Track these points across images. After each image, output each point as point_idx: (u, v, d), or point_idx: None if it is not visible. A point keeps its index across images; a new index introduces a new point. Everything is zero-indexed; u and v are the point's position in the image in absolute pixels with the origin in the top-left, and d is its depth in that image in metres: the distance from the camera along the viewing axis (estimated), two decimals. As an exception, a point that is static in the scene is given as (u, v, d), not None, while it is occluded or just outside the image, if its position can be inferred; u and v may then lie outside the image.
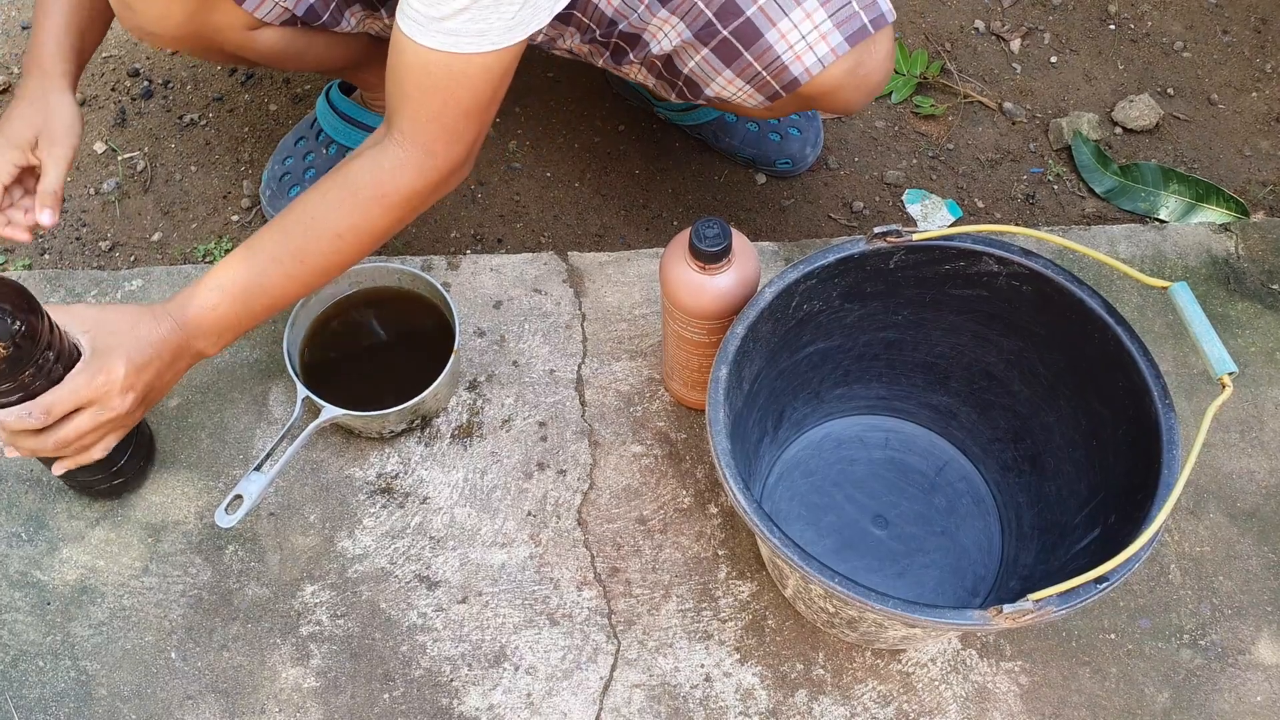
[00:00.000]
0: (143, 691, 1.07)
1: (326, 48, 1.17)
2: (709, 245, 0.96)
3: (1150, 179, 1.46)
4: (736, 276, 1.00)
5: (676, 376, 1.15)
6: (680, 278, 1.00)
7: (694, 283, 1.00)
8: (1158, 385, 0.92)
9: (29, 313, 0.87)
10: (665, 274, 1.02)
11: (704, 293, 1.00)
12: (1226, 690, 1.09)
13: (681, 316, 1.03)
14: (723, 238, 0.97)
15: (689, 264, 0.99)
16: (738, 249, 1.00)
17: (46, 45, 1.07)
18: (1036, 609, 0.82)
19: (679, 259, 1.00)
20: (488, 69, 0.90)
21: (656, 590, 1.12)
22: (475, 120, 0.95)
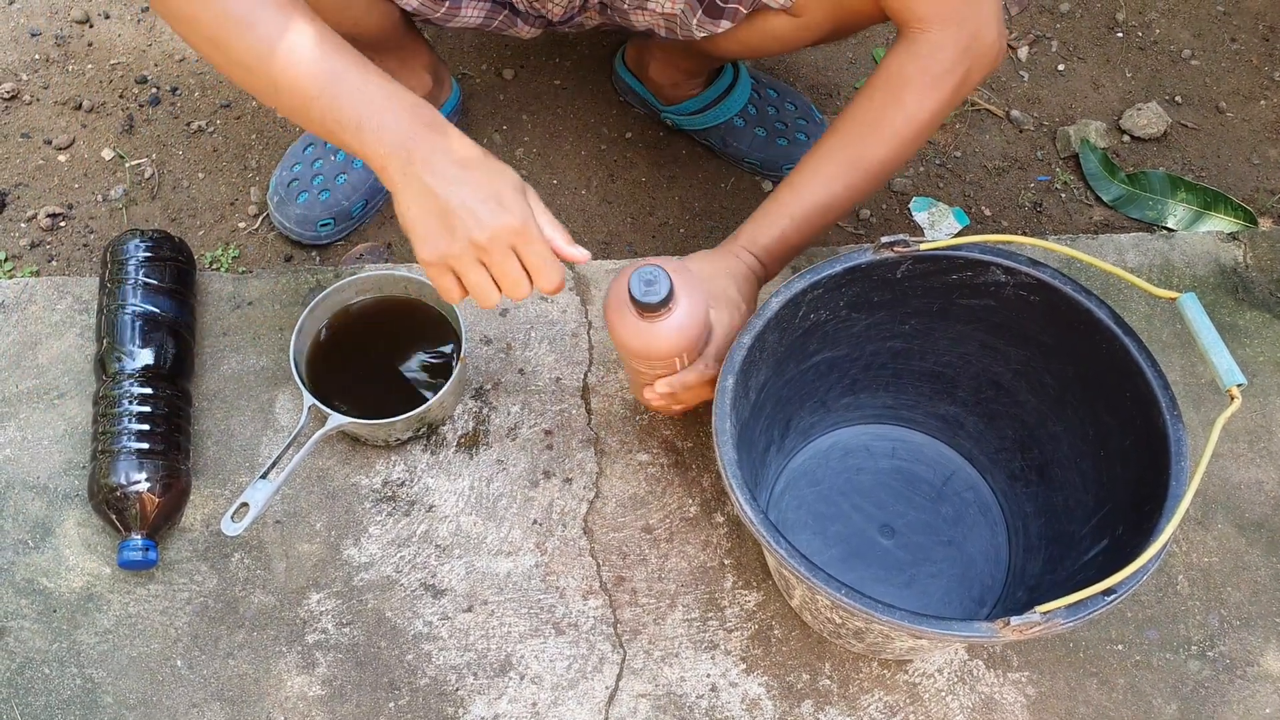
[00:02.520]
0: (149, 699, 1.07)
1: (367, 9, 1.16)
2: (646, 297, 0.90)
3: (1158, 187, 1.46)
4: (680, 321, 0.94)
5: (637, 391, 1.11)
6: (623, 323, 0.95)
7: (637, 328, 0.94)
8: (1165, 396, 0.91)
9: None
10: (609, 316, 0.96)
11: (647, 338, 0.95)
12: (1235, 702, 1.08)
13: (635, 359, 1.00)
14: (660, 289, 0.89)
15: (629, 310, 0.93)
16: (681, 291, 0.93)
17: (400, 91, 0.92)
18: (1044, 621, 0.81)
19: (621, 303, 0.94)
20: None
21: (662, 599, 1.12)
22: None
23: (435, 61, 1.39)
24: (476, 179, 0.89)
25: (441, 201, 0.88)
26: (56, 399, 1.21)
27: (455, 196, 0.88)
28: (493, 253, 0.89)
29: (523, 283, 0.91)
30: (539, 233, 0.89)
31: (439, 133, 0.89)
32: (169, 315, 1.18)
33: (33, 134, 1.50)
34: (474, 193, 0.88)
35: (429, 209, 0.89)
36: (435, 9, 1.15)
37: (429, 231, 0.90)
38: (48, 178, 1.46)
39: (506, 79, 1.54)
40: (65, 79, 1.54)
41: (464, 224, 0.88)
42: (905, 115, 1.03)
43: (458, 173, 0.88)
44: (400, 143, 0.88)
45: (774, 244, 1.06)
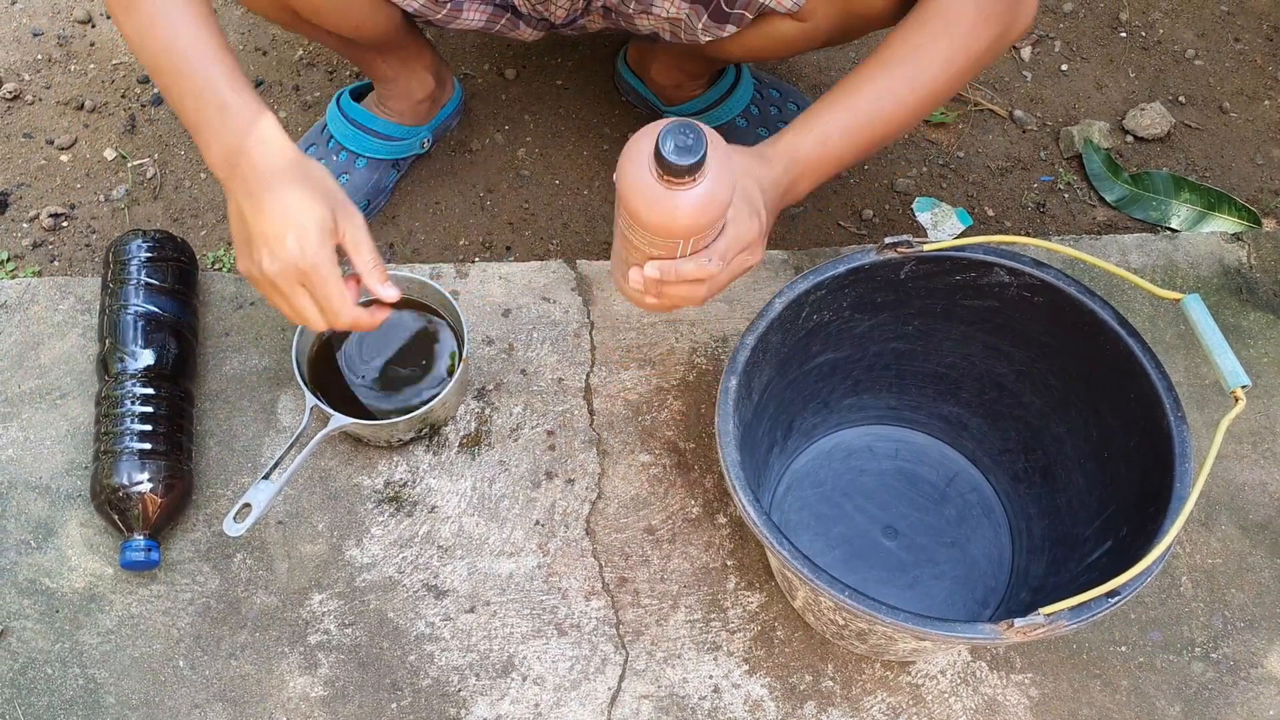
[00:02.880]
0: (151, 700, 1.07)
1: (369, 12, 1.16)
2: (678, 158, 0.79)
3: (1161, 188, 1.46)
4: (704, 196, 0.83)
5: (620, 271, 0.97)
6: (638, 184, 0.84)
7: (653, 194, 0.83)
8: (1169, 397, 0.91)
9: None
10: (622, 173, 0.85)
11: (663, 206, 0.84)
12: (1238, 704, 1.08)
13: (636, 230, 0.88)
14: (696, 150, 0.79)
15: (652, 173, 0.82)
16: (712, 159, 0.82)
17: (245, 107, 0.95)
18: (1048, 623, 0.81)
19: (641, 161, 0.83)
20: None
21: (665, 600, 1.12)
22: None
23: (437, 62, 1.39)
24: (279, 213, 0.92)
25: (248, 226, 0.94)
26: (59, 399, 1.21)
27: (257, 225, 0.93)
28: (280, 285, 0.94)
29: (311, 317, 0.96)
30: (327, 273, 0.92)
31: (261, 158, 0.93)
32: (171, 315, 1.18)
33: (35, 134, 1.50)
34: (272, 226, 0.92)
35: (240, 228, 0.96)
36: (436, 11, 1.15)
37: (239, 249, 0.97)
38: (50, 178, 1.46)
39: (509, 79, 1.54)
40: (67, 79, 1.54)
41: (260, 253, 0.94)
42: (960, 45, 0.99)
43: (265, 202, 0.92)
44: (226, 158, 0.94)
45: (813, 156, 0.98)
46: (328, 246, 0.93)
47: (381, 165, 1.40)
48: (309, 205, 0.92)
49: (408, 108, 1.38)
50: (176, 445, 1.13)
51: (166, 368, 1.15)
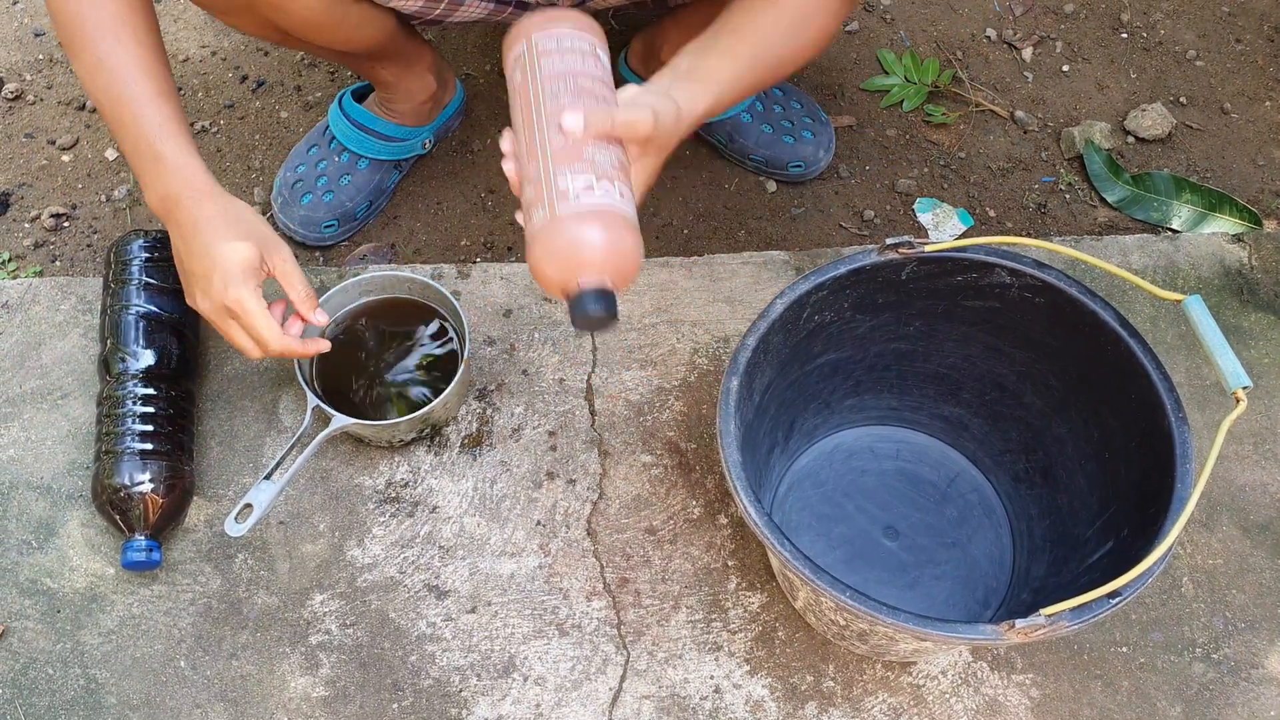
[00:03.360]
0: (152, 700, 1.07)
1: (359, 24, 1.16)
2: (583, 328, 0.82)
3: (1162, 188, 1.46)
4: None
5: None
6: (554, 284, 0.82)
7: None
8: (1170, 398, 0.91)
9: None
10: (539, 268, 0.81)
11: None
12: (1239, 704, 1.08)
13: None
14: (611, 306, 0.80)
15: (557, 289, 0.82)
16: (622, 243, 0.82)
17: (177, 156, 1.01)
18: (1049, 624, 0.81)
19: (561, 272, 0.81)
20: None
21: (666, 601, 1.12)
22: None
23: (439, 62, 1.39)
24: (207, 254, 1.00)
25: (184, 264, 1.04)
26: (60, 399, 1.21)
27: (188, 264, 1.03)
28: (214, 319, 1.03)
29: (245, 346, 1.03)
30: (252, 307, 1.00)
31: (192, 205, 1.00)
32: (172, 315, 1.18)
33: (36, 134, 1.50)
34: (201, 266, 1.01)
35: (179, 265, 1.05)
36: (435, 6, 1.15)
37: (183, 285, 1.06)
38: (51, 178, 1.46)
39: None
40: (69, 79, 1.54)
41: (194, 290, 1.03)
42: (821, 24, 1.01)
43: (195, 245, 1.01)
44: (162, 202, 1.02)
45: (699, 119, 0.95)
46: (250, 283, 1.00)
47: (383, 166, 1.40)
48: (233, 246, 0.99)
49: (409, 109, 1.38)
50: (178, 445, 1.13)
51: (168, 368, 1.15)
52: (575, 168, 0.82)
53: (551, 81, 0.85)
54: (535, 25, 0.88)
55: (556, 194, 0.81)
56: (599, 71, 0.87)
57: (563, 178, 0.81)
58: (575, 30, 0.88)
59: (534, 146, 0.84)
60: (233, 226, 1.01)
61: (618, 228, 0.81)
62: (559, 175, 0.81)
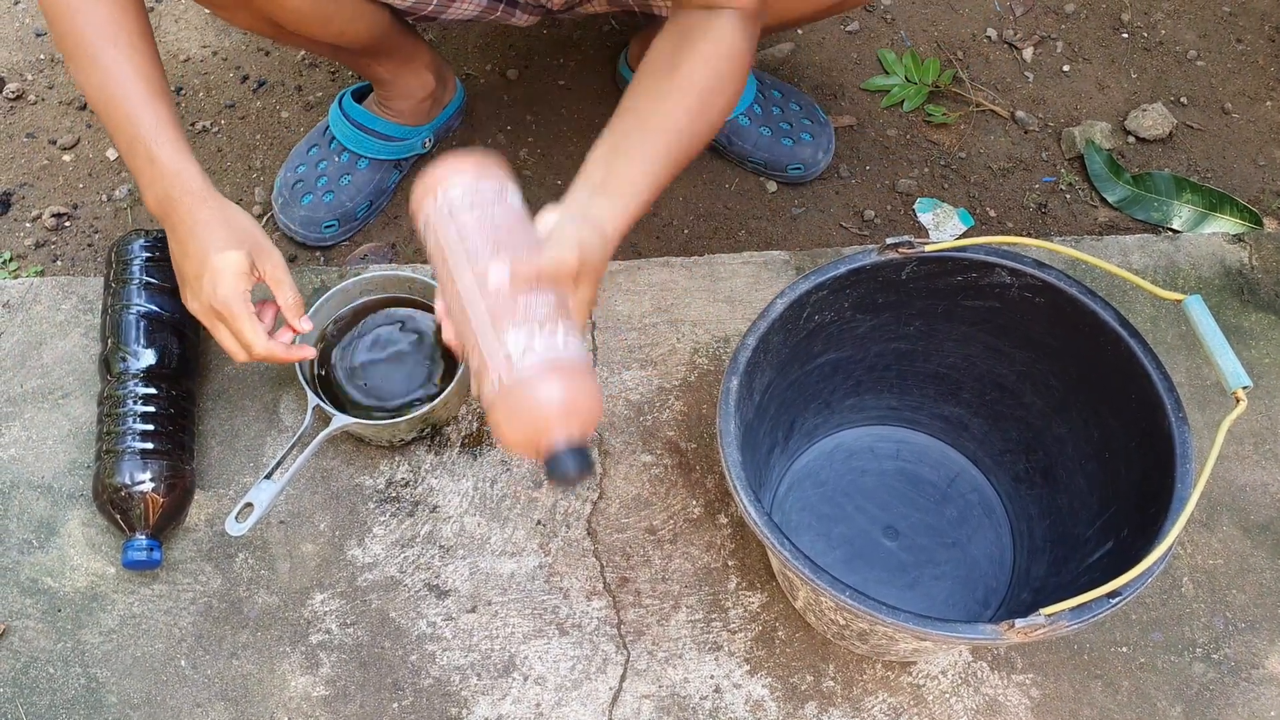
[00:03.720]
0: (152, 699, 1.07)
1: (351, 17, 1.16)
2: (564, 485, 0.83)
3: (1163, 188, 1.46)
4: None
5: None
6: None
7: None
8: (1171, 398, 0.91)
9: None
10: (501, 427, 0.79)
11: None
12: (1240, 705, 1.08)
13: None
14: (587, 463, 0.78)
15: (529, 454, 0.80)
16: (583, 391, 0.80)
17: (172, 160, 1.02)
18: (1048, 623, 0.81)
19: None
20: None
21: (666, 601, 1.12)
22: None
23: (438, 61, 1.39)
24: (198, 257, 1.02)
25: (178, 265, 1.05)
26: (61, 399, 1.21)
27: (182, 265, 1.05)
28: (203, 321, 1.04)
29: (231, 348, 1.04)
30: (238, 310, 1.01)
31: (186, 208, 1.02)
32: (173, 315, 1.18)
33: (37, 134, 1.50)
34: (192, 268, 1.03)
35: (174, 266, 1.07)
36: (426, 3, 1.15)
37: (179, 285, 1.07)
38: (52, 178, 1.46)
39: (510, 79, 1.54)
40: (70, 79, 1.54)
41: (186, 292, 1.05)
42: (725, 102, 1.00)
43: (189, 247, 1.02)
44: (159, 204, 1.03)
45: (624, 231, 0.93)
46: (239, 287, 1.01)
47: (383, 166, 1.40)
48: (224, 250, 1.01)
49: (409, 108, 1.38)
50: (179, 445, 1.13)
51: (169, 367, 1.15)
52: (513, 324, 0.79)
53: (467, 239, 0.82)
54: (434, 184, 0.85)
55: (501, 360, 0.78)
56: (512, 217, 0.84)
57: (504, 338, 0.78)
58: (476, 180, 0.85)
59: (464, 311, 0.81)
60: (226, 231, 1.02)
61: (570, 377, 0.78)
62: (498, 339, 0.79)
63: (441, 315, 0.85)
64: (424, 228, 0.85)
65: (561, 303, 0.82)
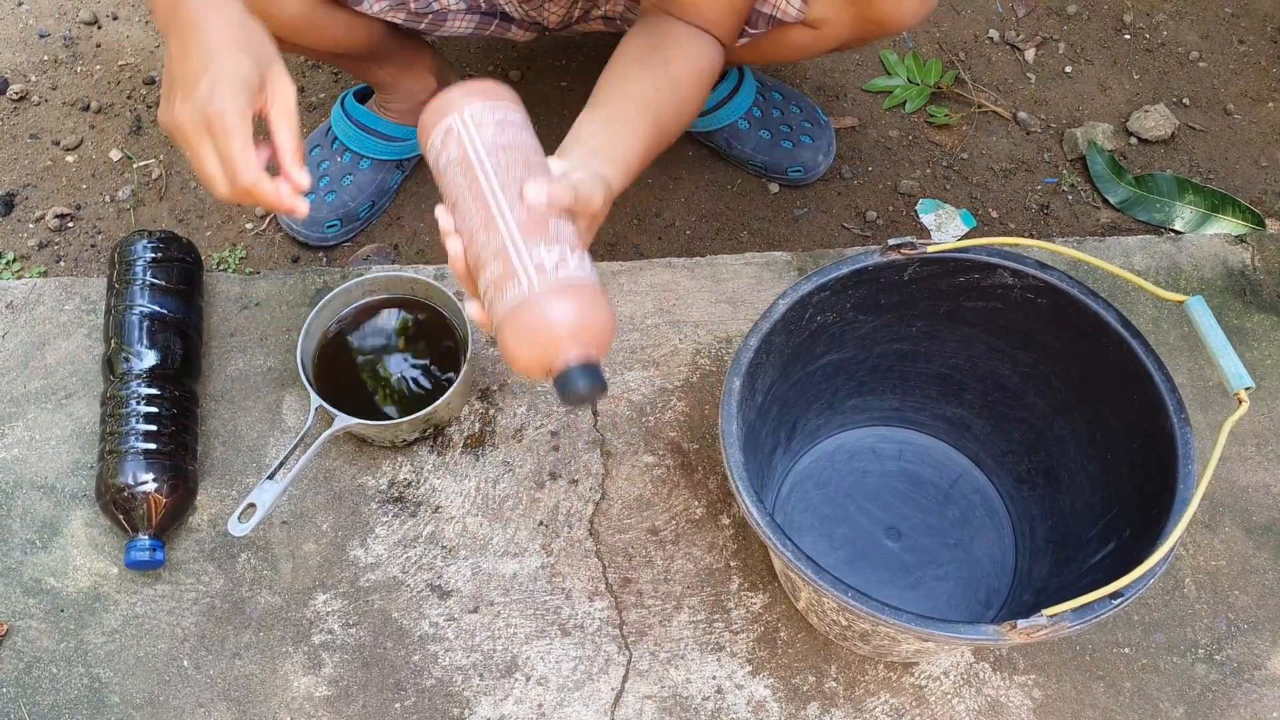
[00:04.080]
0: (155, 699, 1.08)
1: (346, 28, 1.17)
2: (573, 403, 0.78)
3: (1165, 189, 1.46)
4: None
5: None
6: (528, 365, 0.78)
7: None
8: (1173, 399, 0.91)
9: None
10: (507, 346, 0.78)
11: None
12: (1242, 706, 1.08)
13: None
14: (598, 380, 0.76)
15: (542, 370, 0.78)
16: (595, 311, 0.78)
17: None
18: (1051, 624, 0.81)
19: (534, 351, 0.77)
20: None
21: (668, 601, 1.12)
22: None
23: (439, 62, 1.39)
24: (201, 57, 0.86)
25: (173, 70, 0.87)
26: (64, 399, 1.21)
27: (177, 66, 0.87)
28: (186, 130, 0.86)
29: (211, 172, 0.87)
30: (233, 123, 0.84)
31: (201, 5, 0.87)
32: (176, 316, 1.18)
33: (41, 135, 1.50)
34: (189, 67, 0.86)
35: (166, 74, 0.89)
36: (418, 21, 1.16)
37: (163, 96, 0.89)
38: (56, 178, 1.47)
39: (513, 80, 1.55)
40: (73, 80, 1.54)
41: (174, 95, 0.87)
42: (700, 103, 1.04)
43: (192, 46, 0.86)
44: (171, 5, 0.87)
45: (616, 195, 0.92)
46: (240, 98, 0.85)
47: (386, 166, 1.40)
48: (232, 55, 0.86)
49: (410, 109, 1.38)
50: (181, 445, 1.13)
51: (171, 368, 1.15)
52: (546, 240, 0.78)
53: (498, 154, 0.81)
54: (462, 98, 0.83)
55: (533, 269, 0.76)
56: (535, 144, 0.84)
57: (536, 251, 0.77)
58: (506, 103, 0.84)
59: (492, 221, 0.79)
60: (241, 36, 0.88)
61: (595, 299, 0.78)
62: (532, 249, 0.77)
63: (448, 229, 0.81)
64: (441, 139, 0.83)
65: (581, 236, 0.82)
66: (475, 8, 1.19)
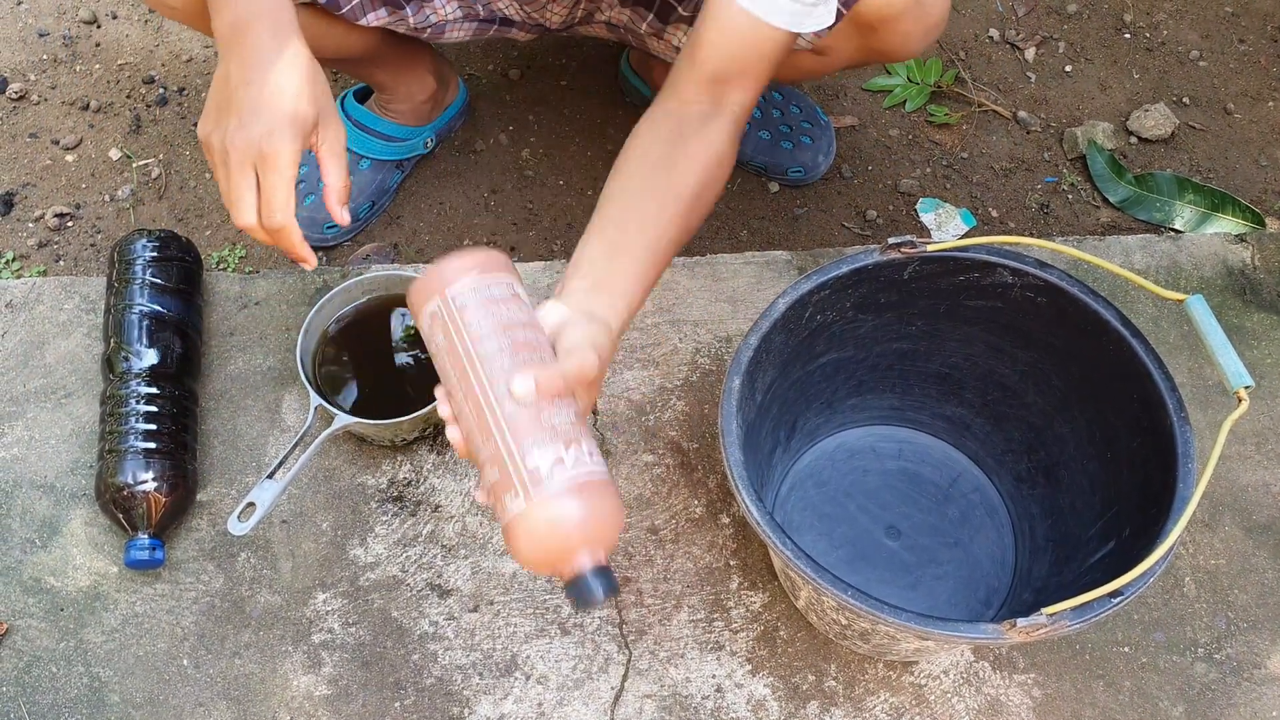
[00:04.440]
0: (155, 698, 1.08)
1: (344, 36, 1.17)
2: (585, 609, 0.76)
3: (1165, 189, 1.46)
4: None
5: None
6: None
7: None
8: (1173, 398, 0.91)
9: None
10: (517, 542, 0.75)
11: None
12: (1242, 705, 1.08)
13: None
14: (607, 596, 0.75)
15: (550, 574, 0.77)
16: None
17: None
18: (1050, 623, 0.81)
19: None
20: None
21: (668, 600, 1.12)
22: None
23: (439, 63, 1.39)
24: (265, 90, 0.88)
25: (229, 90, 0.89)
26: (64, 398, 1.21)
27: (239, 93, 0.88)
28: (232, 157, 0.88)
29: (245, 204, 0.89)
30: (284, 164, 0.88)
31: (271, 38, 0.89)
32: (176, 315, 1.18)
33: (40, 134, 1.50)
34: (250, 98, 0.88)
35: (220, 91, 0.90)
36: (419, 33, 1.16)
37: (210, 111, 0.91)
38: (55, 178, 1.47)
39: (513, 79, 1.55)
40: (73, 79, 1.54)
41: (229, 119, 0.88)
42: (710, 203, 0.98)
43: (256, 76, 0.88)
44: (234, 26, 0.89)
45: (620, 334, 0.90)
46: (296, 141, 0.88)
47: (385, 166, 1.40)
48: (296, 97, 0.88)
49: (410, 109, 1.38)
50: (181, 444, 1.13)
51: (171, 367, 1.15)
52: (539, 440, 0.74)
53: (484, 341, 0.77)
54: (439, 282, 0.79)
55: (528, 477, 0.73)
56: (526, 316, 0.80)
57: (530, 456, 0.74)
58: (489, 275, 0.80)
59: (484, 421, 0.75)
60: (307, 84, 0.90)
61: (599, 496, 0.75)
62: (525, 454, 0.74)
63: (447, 416, 0.79)
64: (429, 325, 0.80)
65: (579, 412, 0.78)
66: (473, 15, 1.19)
